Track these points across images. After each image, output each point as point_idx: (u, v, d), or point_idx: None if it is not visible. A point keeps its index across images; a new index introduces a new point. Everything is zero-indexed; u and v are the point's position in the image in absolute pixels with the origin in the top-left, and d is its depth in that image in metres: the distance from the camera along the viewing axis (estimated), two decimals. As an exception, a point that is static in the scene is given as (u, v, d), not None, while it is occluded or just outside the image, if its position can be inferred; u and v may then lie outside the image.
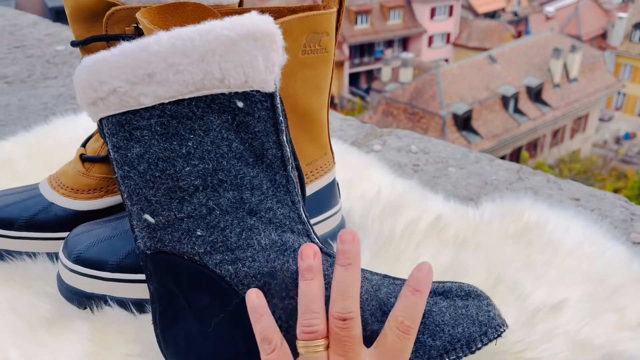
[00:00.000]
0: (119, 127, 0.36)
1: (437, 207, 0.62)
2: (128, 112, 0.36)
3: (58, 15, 9.86)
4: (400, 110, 11.75)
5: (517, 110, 12.08)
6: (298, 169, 0.41)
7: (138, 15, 0.45)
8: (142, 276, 0.47)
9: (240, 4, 0.57)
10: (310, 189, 0.53)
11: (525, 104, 12.24)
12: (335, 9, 0.50)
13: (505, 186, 0.76)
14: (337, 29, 0.52)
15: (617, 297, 0.49)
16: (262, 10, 0.51)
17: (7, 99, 1.07)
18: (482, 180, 0.78)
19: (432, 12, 15.82)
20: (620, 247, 0.57)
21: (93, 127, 0.79)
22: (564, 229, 0.57)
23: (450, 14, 16.07)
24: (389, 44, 15.94)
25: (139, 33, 0.52)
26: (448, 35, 16.31)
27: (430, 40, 16.28)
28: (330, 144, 0.55)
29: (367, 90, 15.26)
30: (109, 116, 0.36)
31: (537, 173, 0.79)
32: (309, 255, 0.36)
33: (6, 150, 0.73)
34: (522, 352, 0.43)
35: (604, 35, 16.98)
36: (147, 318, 0.46)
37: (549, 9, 17.36)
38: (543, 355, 0.43)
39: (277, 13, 0.51)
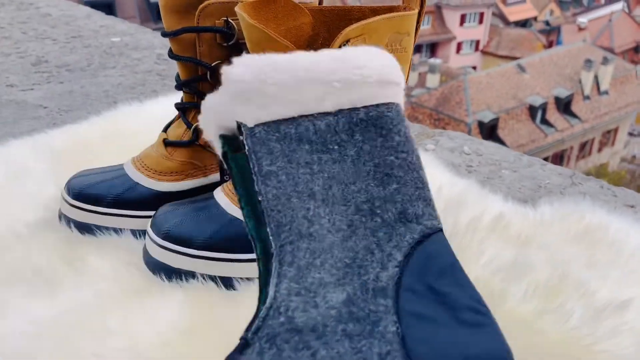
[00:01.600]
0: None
1: (498, 205, 0.64)
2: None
3: (93, 8, 10.07)
4: (425, 116, 11.71)
5: (544, 121, 11.94)
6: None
7: (237, 9, 0.48)
8: (227, 255, 0.51)
9: (320, 2, 0.60)
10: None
11: (553, 114, 12.09)
12: (417, 10, 0.52)
13: (559, 190, 0.77)
14: (416, 29, 0.54)
15: (681, 299, 0.50)
16: (346, 10, 0.54)
17: (70, 86, 1.12)
18: (535, 183, 0.79)
19: (462, 19, 15.73)
20: (680, 253, 0.58)
21: (160, 116, 0.83)
22: (625, 233, 0.59)
23: (481, 21, 15.96)
24: (417, 49, 15.90)
25: (227, 26, 0.55)
26: (477, 42, 16.20)
27: (459, 46, 16.19)
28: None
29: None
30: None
31: (591, 179, 0.80)
32: None
33: (81, 135, 0.77)
34: (591, 345, 0.45)
35: (636, 49, 16.67)
36: (233, 293, 0.49)
37: (582, 19, 17.12)
38: (611, 349, 0.45)
39: (359, 12, 0.54)
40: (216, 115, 0.36)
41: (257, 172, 0.34)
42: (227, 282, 0.50)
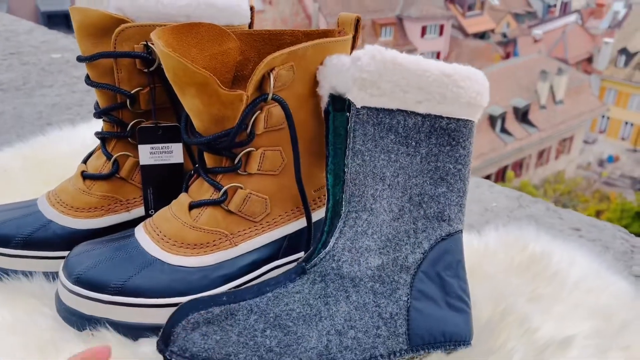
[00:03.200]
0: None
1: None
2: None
3: (50, 19, 9.78)
4: (388, 126, 11.79)
5: (503, 130, 12.22)
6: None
7: (153, 35, 0.44)
8: (144, 300, 0.46)
9: (250, 25, 0.57)
10: (317, 215, 0.53)
11: (512, 124, 12.39)
12: (350, 36, 0.50)
13: (506, 214, 0.76)
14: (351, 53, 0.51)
15: (624, 335, 0.48)
16: (277, 34, 0.51)
17: (2, 107, 1.05)
18: (482, 206, 0.77)
19: (423, 31, 16.01)
20: (623, 281, 0.56)
21: (91, 140, 0.78)
22: (569, 262, 0.57)
23: (441, 33, 16.28)
24: (380, 60, 16.02)
25: (147, 51, 0.51)
26: (438, 53, 16.49)
27: (420, 58, 16.42)
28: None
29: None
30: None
31: (538, 201, 0.79)
32: None
33: (2, 161, 0.71)
34: (532, 389, 0.42)
35: (589, 60, 17.30)
36: (143, 345, 0.44)
37: (537, 31, 17.67)
38: (553, 393, 0.42)
39: (291, 37, 0.51)
40: (334, 79, 0.45)
41: (350, 147, 0.43)
42: (138, 335, 0.46)
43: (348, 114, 0.43)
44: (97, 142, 0.56)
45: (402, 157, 0.43)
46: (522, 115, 12.60)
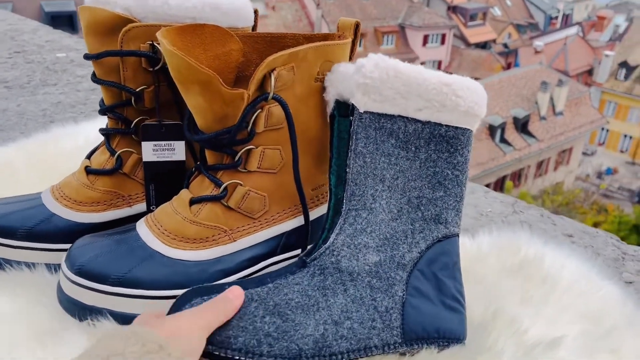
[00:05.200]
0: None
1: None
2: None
3: (54, 20, 9.82)
4: (388, 134, 11.81)
5: (503, 140, 12.24)
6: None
7: (158, 35, 0.45)
8: (144, 292, 0.47)
9: (254, 28, 0.58)
10: (314, 214, 0.54)
11: (511, 134, 12.41)
12: (350, 40, 0.51)
13: (500, 219, 0.77)
14: (350, 58, 0.53)
15: (612, 338, 0.49)
16: (279, 37, 0.53)
17: (6, 104, 1.06)
18: (477, 211, 0.79)
19: (425, 40, 16.07)
20: (613, 286, 0.58)
21: (94, 138, 0.79)
22: (560, 266, 0.58)
23: (443, 42, 16.34)
24: (381, 67, 16.06)
25: (153, 50, 0.53)
26: (439, 62, 16.55)
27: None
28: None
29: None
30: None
31: (532, 207, 0.80)
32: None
33: (6, 157, 0.73)
34: (519, 387, 0.44)
35: (590, 72, 17.37)
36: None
37: (538, 43, 17.74)
38: (540, 391, 0.44)
39: (292, 40, 0.52)
40: (340, 85, 0.47)
41: (353, 149, 0.45)
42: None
43: (352, 118, 0.45)
44: (100, 139, 0.58)
45: (401, 160, 0.45)
46: (522, 126, 12.63)
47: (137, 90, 0.54)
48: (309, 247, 0.48)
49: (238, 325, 0.41)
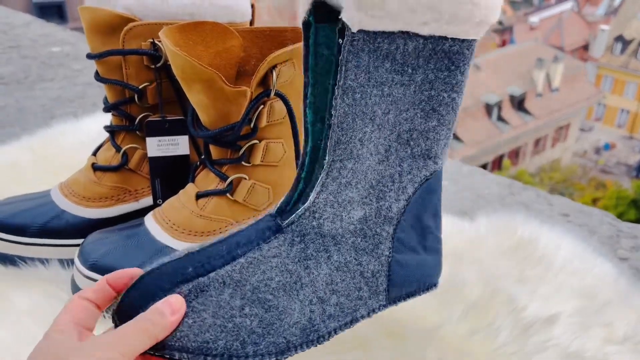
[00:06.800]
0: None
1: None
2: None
3: (43, 11, 9.72)
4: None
5: (500, 118, 12.25)
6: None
7: (161, 34, 0.47)
8: (156, 285, 0.49)
9: (252, 22, 0.59)
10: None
11: (508, 112, 12.42)
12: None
13: (497, 200, 0.79)
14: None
15: (606, 312, 0.52)
16: (278, 31, 0.54)
17: (4, 100, 1.07)
18: (475, 194, 0.81)
19: (419, 19, 15.95)
20: (608, 263, 0.60)
21: (96, 132, 0.80)
22: (556, 246, 0.60)
23: (437, 21, 16.21)
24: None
25: (154, 48, 0.54)
26: (434, 42, 16.43)
27: (417, 46, 16.39)
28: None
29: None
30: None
31: (528, 188, 0.82)
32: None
33: (11, 156, 0.74)
34: (518, 363, 0.46)
35: (586, 47, 17.30)
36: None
37: (533, 19, 17.64)
38: (538, 367, 0.46)
39: (292, 33, 0.54)
40: None
41: (341, 85, 0.36)
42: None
43: (340, 41, 0.36)
44: (102, 133, 0.59)
45: (395, 88, 0.37)
46: (519, 104, 12.63)
47: (140, 87, 0.55)
48: (280, 202, 0.40)
49: (215, 324, 0.34)
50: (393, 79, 0.37)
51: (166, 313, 0.33)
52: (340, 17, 0.35)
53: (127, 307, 0.34)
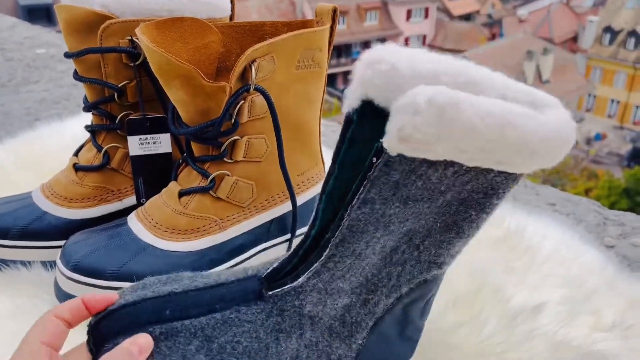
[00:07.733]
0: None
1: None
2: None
3: (30, 13, 9.64)
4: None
5: (491, 112, 12.28)
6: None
7: (137, 31, 0.46)
8: (140, 284, 0.49)
9: (231, 17, 0.59)
10: (301, 199, 0.55)
11: (499, 105, 12.44)
12: (328, 26, 0.52)
13: (485, 192, 0.79)
14: (329, 44, 0.54)
15: (593, 300, 0.52)
16: (258, 25, 0.53)
17: (-11, 104, 1.06)
18: (463, 186, 0.80)
19: (408, 14, 15.97)
20: (594, 251, 0.60)
21: (81, 134, 0.79)
22: (542, 235, 0.60)
23: (426, 16, 16.25)
24: (366, 45, 16.01)
25: (133, 45, 0.53)
26: (424, 37, 16.48)
27: (407, 41, 16.42)
28: (322, 155, 0.57)
29: (344, 91, 15.33)
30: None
31: (515, 179, 0.82)
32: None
33: (-5, 158, 0.73)
34: (504, 352, 0.46)
35: (575, 39, 17.37)
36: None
37: (522, 12, 17.69)
38: (524, 356, 0.46)
39: (271, 27, 0.53)
40: (375, 88, 0.32)
41: (362, 197, 0.34)
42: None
43: (374, 161, 0.33)
44: (87, 135, 0.58)
45: (420, 204, 0.34)
46: (509, 96, 12.66)
47: (120, 85, 0.54)
48: (273, 267, 0.38)
49: None
50: (422, 195, 0.34)
51: (135, 353, 0.34)
52: (381, 140, 0.31)
53: (98, 338, 0.36)
